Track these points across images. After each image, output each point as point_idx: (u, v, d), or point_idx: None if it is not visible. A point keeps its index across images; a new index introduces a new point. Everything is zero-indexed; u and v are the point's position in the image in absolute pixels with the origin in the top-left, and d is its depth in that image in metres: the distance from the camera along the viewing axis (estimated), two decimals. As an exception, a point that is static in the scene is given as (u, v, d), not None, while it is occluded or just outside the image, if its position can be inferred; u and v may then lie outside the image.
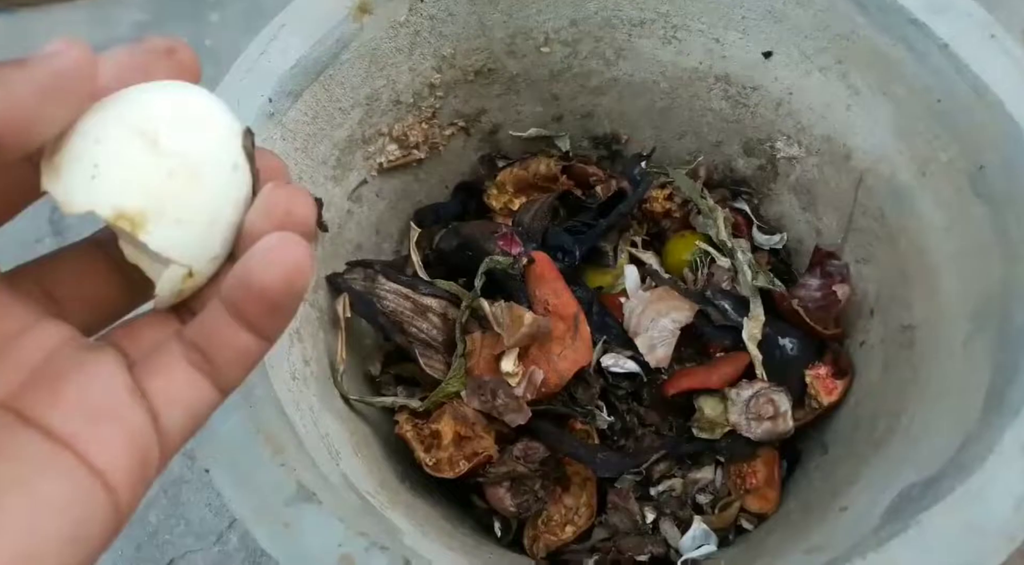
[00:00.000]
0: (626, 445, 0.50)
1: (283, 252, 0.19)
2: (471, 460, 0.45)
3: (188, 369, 0.20)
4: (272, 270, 0.19)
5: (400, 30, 0.48)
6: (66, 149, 0.18)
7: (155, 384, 0.20)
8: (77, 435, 0.18)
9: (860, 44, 0.46)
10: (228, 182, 0.20)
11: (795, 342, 0.50)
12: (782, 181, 0.56)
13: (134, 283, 0.22)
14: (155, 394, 0.20)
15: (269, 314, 0.20)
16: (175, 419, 0.20)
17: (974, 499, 0.32)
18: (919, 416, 0.41)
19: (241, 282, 0.19)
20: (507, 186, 0.56)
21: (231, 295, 0.20)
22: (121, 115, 0.19)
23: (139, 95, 0.19)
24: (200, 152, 0.19)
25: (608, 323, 0.51)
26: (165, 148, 0.19)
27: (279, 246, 0.19)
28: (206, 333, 0.20)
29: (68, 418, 0.19)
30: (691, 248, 0.55)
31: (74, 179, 0.18)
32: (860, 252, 0.52)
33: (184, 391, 0.20)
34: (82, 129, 0.19)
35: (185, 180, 0.19)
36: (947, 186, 0.44)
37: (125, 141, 0.18)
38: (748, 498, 0.49)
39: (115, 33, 0.84)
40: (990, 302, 0.40)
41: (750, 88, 0.53)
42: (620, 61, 0.54)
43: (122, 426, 0.19)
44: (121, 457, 0.19)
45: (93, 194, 0.18)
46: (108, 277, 0.22)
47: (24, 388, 0.19)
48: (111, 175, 0.18)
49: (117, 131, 0.18)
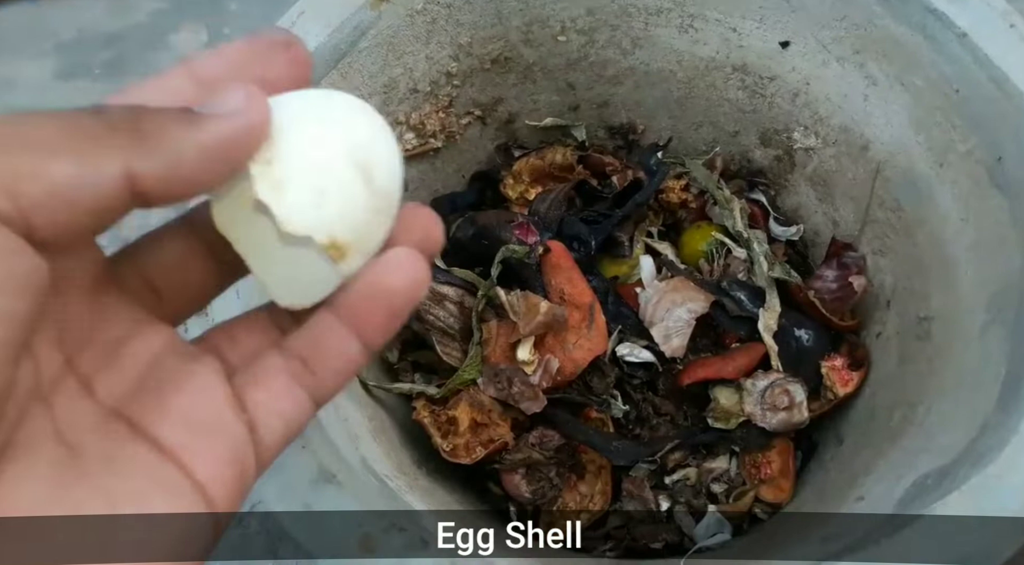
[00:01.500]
0: (641, 434, 0.50)
1: (411, 263, 0.20)
2: (487, 447, 0.45)
3: (288, 381, 0.21)
4: (400, 277, 0.20)
5: (417, 18, 0.48)
6: (287, 165, 0.19)
7: (255, 396, 0.20)
8: (183, 447, 0.19)
9: (878, 34, 0.46)
10: (397, 210, 0.21)
11: (811, 333, 0.50)
12: (799, 172, 0.56)
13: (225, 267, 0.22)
14: (255, 406, 0.20)
15: (387, 320, 0.20)
16: (273, 431, 0.20)
17: (989, 488, 0.32)
18: (935, 407, 0.41)
19: (369, 286, 0.20)
20: (523, 175, 0.56)
21: (353, 300, 0.20)
22: (336, 141, 0.19)
23: (341, 114, 0.20)
24: (398, 191, 0.21)
25: (624, 313, 0.51)
26: (378, 187, 0.20)
27: (407, 257, 0.20)
28: (313, 342, 0.21)
29: (174, 430, 0.19)
30: (707, 239, 0.55)
31: (301, 202, 0.19)
32: (877, 243, 0.52)
33: (283, 403, 0.20)
34: (298, 140, 0.19)
35: (384, 218, 0.20)
36: (965, 177, 0.44)
37: (347, 175, 0.19)
38: (763, 488, 0.49)
39: (133, 20, 0.84)
40: (1007, 293, 0.40)
41: (767, 78, 0.53)
42: (636, 50, 0.54)
43: (224, 439, 0.19)
44: (222, 471, 0.19)
45: (316, 221, 0.19)
46: (204, 263, 0.22)
47: (132, 396, 0.19)
48: (333, 207, 0.19)
49: (339, 161, 0.19)
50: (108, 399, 0.19)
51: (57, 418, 0.18)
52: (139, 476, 0.18)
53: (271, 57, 0.20)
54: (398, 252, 0.20)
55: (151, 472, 0.18)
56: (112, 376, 0.19)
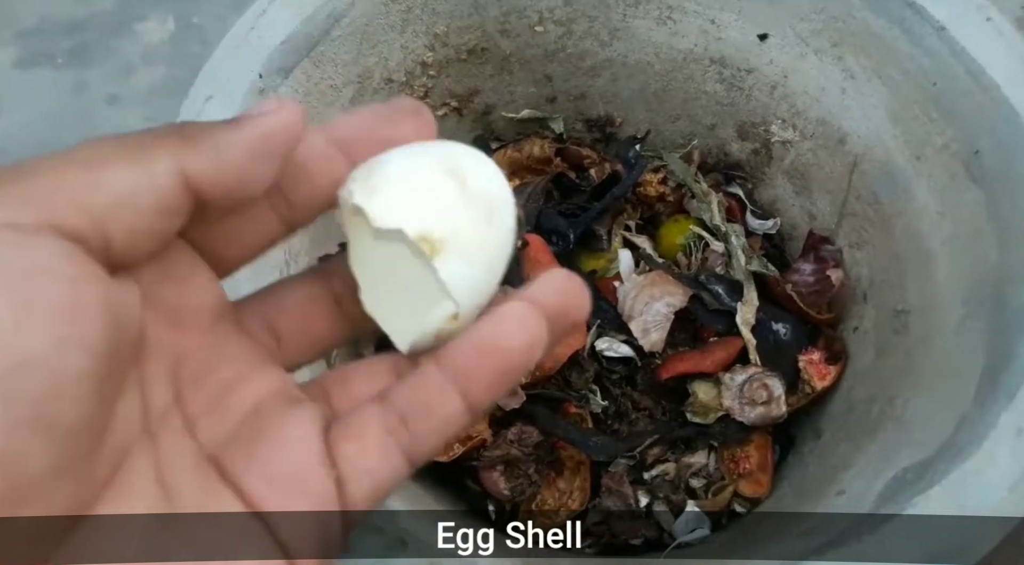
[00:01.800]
0: (620, 429, 0.50)
1: (532, 321, 0.19)
2: (465, 443, 0.45)
3: (383, 436, 0.19)
4: (515, 333, 0.19)
5: (392, 6, 0.47)
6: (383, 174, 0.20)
7: (347, 450, 0.19)
8: (266, 501, 0.18)
9: (856, 26, 0.46)
10: (508, 237, 0.21)
11: (788, 327, 0.50)
12: (776, 165, 0.56)
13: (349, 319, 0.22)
14: (345, 461, 0.19)
15: (497, 379, 0.19)
16: (362, 490, 0.19)
17: (968, 483, 0.32)
18: (913, 400, 0.41)
19: (484, 340, 0.19)
20: (500, 168, 0.56)
21: (461, 354, 0.19)
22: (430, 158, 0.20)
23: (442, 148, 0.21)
24: (497, 199, 0.21)
25: (602, 307, 0.51)
26: (471, 189, 0.20)
27: (530, 314, 0.19)
28: (413, 396, 0.19)
29: (259, 482, 0.18)
30: (685, 232, 0.54)
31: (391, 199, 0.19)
32: (854, 237, 0.52)
33: (375, 461, 0.19)
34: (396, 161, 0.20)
35: (483, 221, 0.20)
36: (942, 170, 0.44)
37: (437, 177, 0.20)
38: (741, 482, 0.49)
39: (99, 7, 0.82)
40: (984, 286, 0.40)
41: (745, 71, 0.53)
42: (614, 42, 0.54)
43: (308, 496, 0.18)
44: (305, 529, 0.18)
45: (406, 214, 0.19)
46: (329, 311, 0.22)
47: (229, 441, 0.19)
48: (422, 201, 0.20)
49: (430, 168, 0.20)
50: (208, 442, 0.19)
51: (160, 457, 0.18)
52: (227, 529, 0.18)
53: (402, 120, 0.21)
54: (515, 306, 0.19)
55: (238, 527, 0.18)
56: (216, 418, 0.19)
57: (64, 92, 0.75)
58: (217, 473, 0.18)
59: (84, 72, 0.76)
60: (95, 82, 0.75)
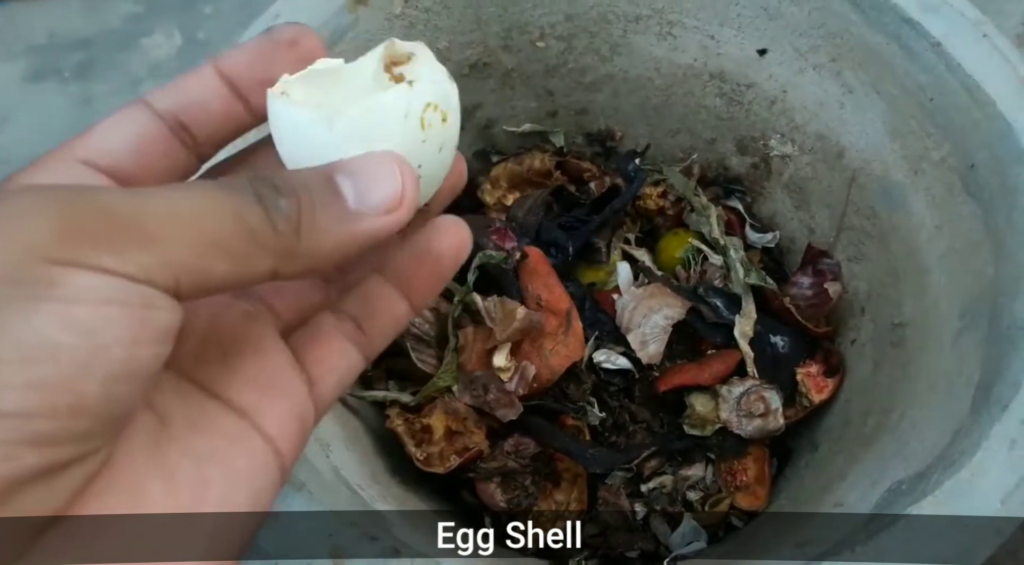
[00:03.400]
0: (617, 441, 0.50)
1: (459, 228, 0.23)
2: (462, 455, 0.45)
3: (342, 340, 0.23)
4: (450, 240, 0.23)
5: (395, 22, 0.47)
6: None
7: (313, 355, 0.22)
8: (253, 407, 0.20)
9: (854, 42, 0.46)
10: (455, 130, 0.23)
11: (786, 340, 0.50)
12: (775, 179, 0.57)
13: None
14: (312, 364, 0.22)
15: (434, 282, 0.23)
16: (328, 386, 0.23)
17: (962, 493, 0.32)
18: (909, 413, 0.41)
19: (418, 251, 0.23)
20: (501, 181, 0.56)
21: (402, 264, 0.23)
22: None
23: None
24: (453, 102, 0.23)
25: (600, 319, 0.51)
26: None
27: (455, 224, 0.23)
28: (364, 304, 0.23)
29: (245, 391, 0.21)
30: (684, 245, 0.55)
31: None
32: (852, 250, 0.52)
33: (337, 360, 0.23)
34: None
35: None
36: (939, 185, 0.44)
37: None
38: (738, 495, 0.49)
39: (108, 25, 0.83)
40: (980, 300, 0.40)
41: (744, 85, 0.53)
42: (615, 57, 0.54)
43: (288, 397, 0.21)
44: (288, 426, 0.21)
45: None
46: None
47: (197, 359, 0.21)
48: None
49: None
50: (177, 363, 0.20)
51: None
52: (219, 436, 0.20)
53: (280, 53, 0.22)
54: (445, 219, 0.23)
55: (228, 431, 0.20)
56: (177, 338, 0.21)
57: (71, 106, 0.76)
58: (199, 391, 0.20)
59: (91, 86, 0.77)
60: (102, 96, 0.76)
